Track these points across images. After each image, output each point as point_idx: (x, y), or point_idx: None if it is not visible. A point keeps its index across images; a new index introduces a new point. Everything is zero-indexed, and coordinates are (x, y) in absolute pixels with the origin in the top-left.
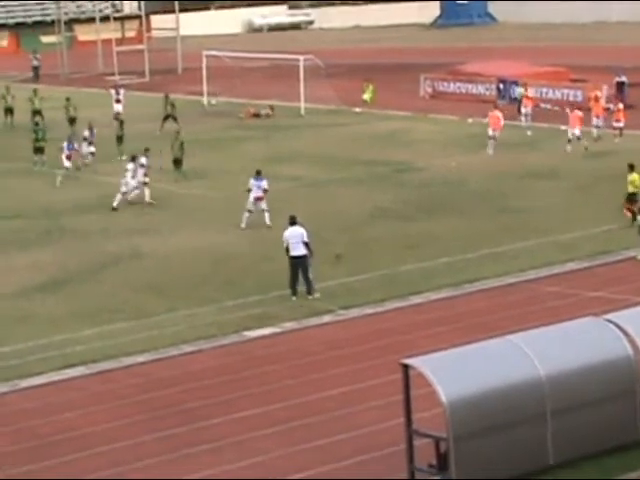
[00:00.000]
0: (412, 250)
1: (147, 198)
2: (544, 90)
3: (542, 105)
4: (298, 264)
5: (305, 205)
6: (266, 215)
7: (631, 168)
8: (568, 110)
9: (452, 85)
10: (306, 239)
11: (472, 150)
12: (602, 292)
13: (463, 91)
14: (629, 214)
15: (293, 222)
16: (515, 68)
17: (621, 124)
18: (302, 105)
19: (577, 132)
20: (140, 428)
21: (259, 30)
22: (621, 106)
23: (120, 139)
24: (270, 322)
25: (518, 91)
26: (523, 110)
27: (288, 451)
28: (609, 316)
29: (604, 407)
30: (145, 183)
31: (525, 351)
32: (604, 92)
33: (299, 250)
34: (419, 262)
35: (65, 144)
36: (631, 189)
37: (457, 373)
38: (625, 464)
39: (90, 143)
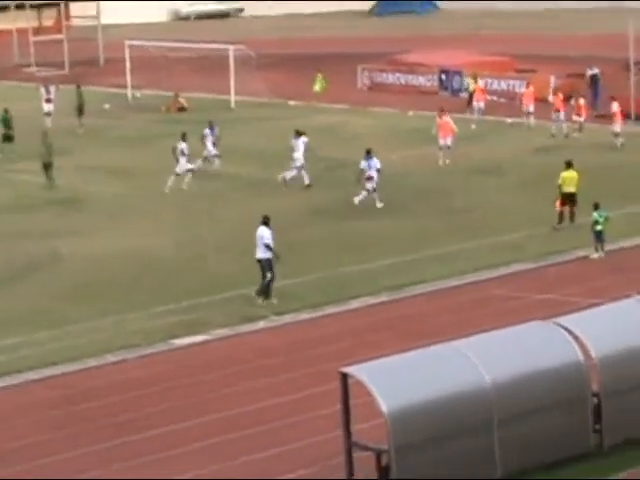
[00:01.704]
0: (351, 251)
1: None
2: (488, 81)
3: (488, 97)
4: (260, 267)
5: (239, 204)
6: (375, 196)
7: (568, 165)
8: (437, 116)
9: (391, 76)
10: (267, 241)
11: (414, 145)
12: (551, 294)
13: (403, 82)
14: (559, 208)
15: (265, 222)
16: (458, 57)
17: (581, 118)
18: (232, 98)
19: (448, 142)
20: (60, 444)
21: (186, 18)
22: (582, 101)
23: (9, 138)
24: (201, 329)
25: (468, 83)
26: (475, 104)
27: (220, 467)
28: (558, 319)
29: (554, 415)
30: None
31: (470, 357)
32: (552, 83)
33: (259, 252)
34: (358, 264)
35: None
36: (571, 189)
37: (399, 382)
38: (577, 475)
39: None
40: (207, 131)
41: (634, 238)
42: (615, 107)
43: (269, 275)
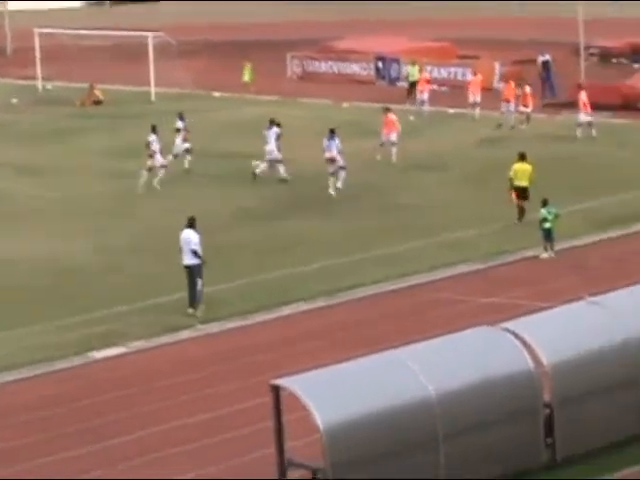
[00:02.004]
0: (281, 255)
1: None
2: (428, 68)
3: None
4: (187, 274)
5: (158, 205)
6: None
7: (521, 157)
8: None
9: (324, 64)
10: (194, 246)
11: (349, 138)
12: (499, 297)
13: (336, 71)
14: (516, 202)
15: (190, 224)
16: (395, 44)
17: (528, 109)
18: (152, 90)
19: (393, 138)
20: None
21: (101, 4)
22: (528, 89)
23: None
24: (117, 341)
25: (407, 71)
26: (419, 96)
27: None
28: (507, 324)
29: (503, 428)
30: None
31: (412, 367)
32: (497, 70)
33: (187, 259)
34: (289, 268)
35: None
36: (523, 183)
37: (335, 394)
38: None
39: None
40: (180, 124)
41: (586, 236)
42: (583, 96)
43: (200, 282)
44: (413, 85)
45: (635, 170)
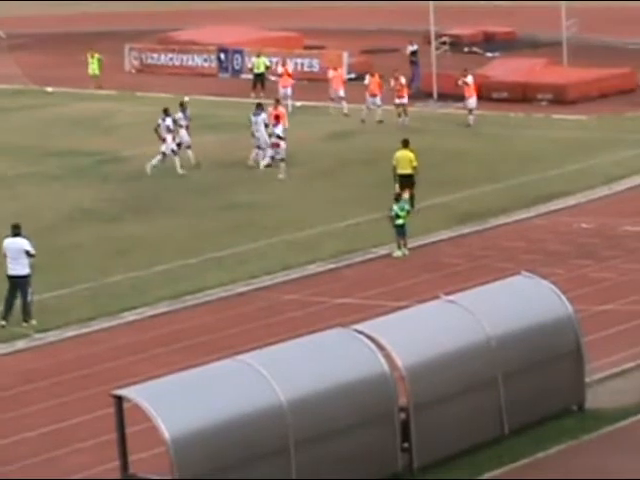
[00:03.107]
0: (122, 257)
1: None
2: (274, 60)
3: (273, 77)
4: (17, 285)
5: None
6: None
7: (404, 144)
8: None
9: (163, 56)
10: (31, 254)
11: (192, 134)
12: (351, 298)
13: (177, 63)
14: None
15: (16, 233)
16: (239, 34)
17: (404, 100)
18: None
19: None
20: None
21: None
22: (403, 80)
23: None
24: None
25: (254, 63)
26: (282, 91)
27: None
28: (360, 326)
29: (358, 434)
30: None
31: (261, 373)
32: (345, 60)
33: (18, 268)
34: (130, 271)
35: None
36: (406, 170)
37: (181, 403)
38: None
39: None
40: (180, 115)
41: (440, 232)
42: (470, 80)
43: (30, 291)
44: (259, 77)
45: (489, 163)
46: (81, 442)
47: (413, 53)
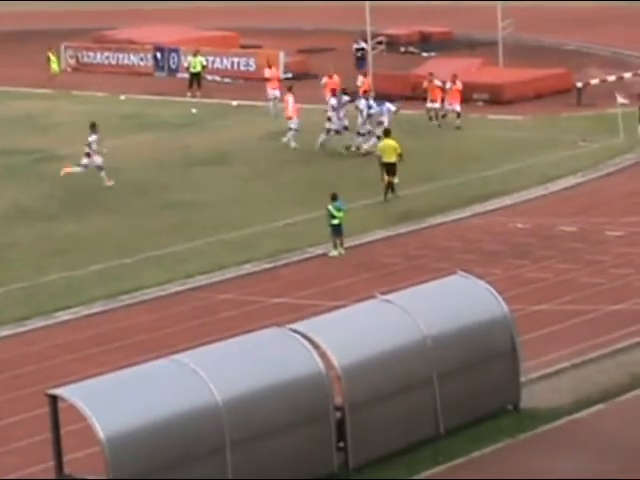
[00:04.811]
0: (57, 257)
1: None
2: (210, 59)
3: (210, 77)
4: None
5: None
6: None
7: (386, 134)
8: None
9: (99, 55)
10: None
11: (127, 133)
12: (286, 297)
13: (113, 62)
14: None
15: None
16: (175, 33)
17: (436, 105)
18: None
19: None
20: None
21: None
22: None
23: None
24: None
25: (190, 62)
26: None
27: None
28: (296, 325)
29: (293, 434)
30: None
31: (197, 372)
32: (281, 60)
33: None
34: (66, 271)
35: None
36: (391, 159)
37: (117, 403)
38: None
39: None
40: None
41: (376, 231)
42: (459, 84)
43: None
44: (195, 76)
45: (426, 162)
46: (16, 442)
47: (359, 50)
